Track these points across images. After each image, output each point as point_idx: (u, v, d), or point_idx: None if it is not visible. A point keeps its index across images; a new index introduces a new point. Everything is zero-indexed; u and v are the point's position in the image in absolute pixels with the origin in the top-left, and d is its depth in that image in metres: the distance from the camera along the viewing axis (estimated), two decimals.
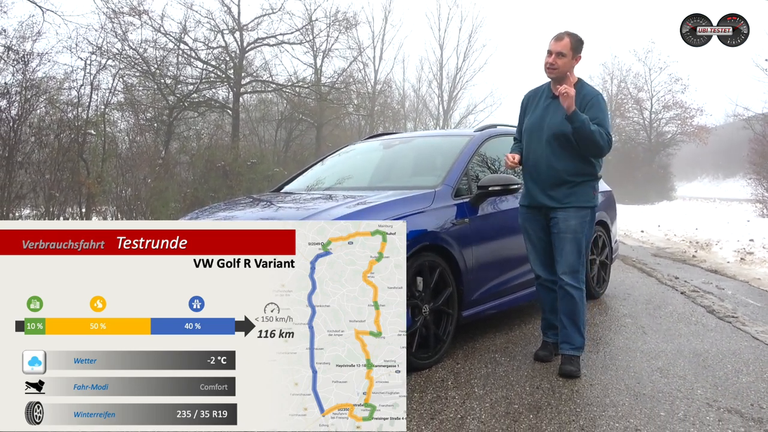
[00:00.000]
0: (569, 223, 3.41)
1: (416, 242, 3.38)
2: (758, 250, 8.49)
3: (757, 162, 17.44)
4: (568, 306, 3.45)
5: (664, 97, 37.11)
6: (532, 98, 3.66)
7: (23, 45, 11.66)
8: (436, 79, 38.16)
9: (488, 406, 2.90)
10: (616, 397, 3.01)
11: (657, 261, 8.34)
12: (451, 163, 4.15)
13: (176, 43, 19.22)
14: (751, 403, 2.93)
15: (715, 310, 4.96)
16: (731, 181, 44.84)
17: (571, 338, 3.43)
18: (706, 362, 3.58)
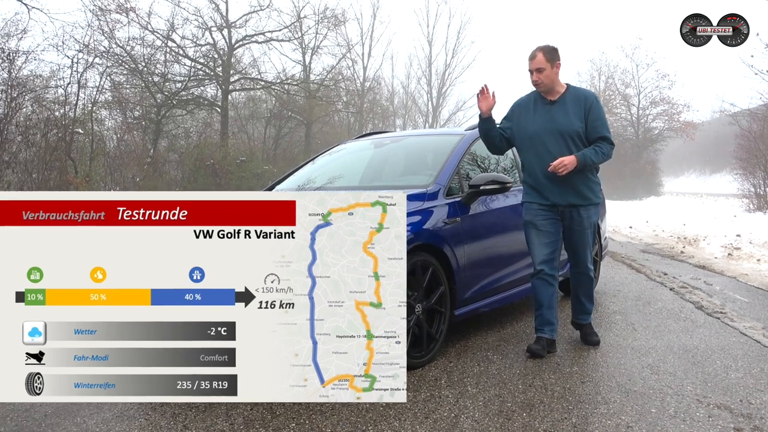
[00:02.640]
0: (591, 220, 3.78)
1: (408, 242, 3.38)
2: (745, 245, 8.58)
3: (743, 157, 17.60)
4: (587, 288, 3.95)
5: (651, 93, 37.39)
6: (523, 105, 3.85)
7: (8, 43, 11.54)
8: (425, 75, 38.19)
9: (481, 405, 2.92)
10: (608, 394, 3.04)
11: (646, 257, 8.41)
12: (443, 162, 4.16)
13: (164, 41, 19.10)
14: (740, 398, 2.97)
15: (704, 306, 5.01)
16: (718, 176, 45.25)
17: (587, 309, 4.00)
18: (695, 358, 3.62)
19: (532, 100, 3.83)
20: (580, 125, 3.66)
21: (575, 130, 3.65)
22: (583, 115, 3.66)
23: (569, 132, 3.65)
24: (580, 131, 3.65)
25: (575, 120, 3.66)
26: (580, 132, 3.66)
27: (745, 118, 18.66)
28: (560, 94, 3.73)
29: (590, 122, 3.66)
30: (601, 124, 3.69)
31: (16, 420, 2.84)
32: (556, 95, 3.72)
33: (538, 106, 3.76)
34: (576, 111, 3.67)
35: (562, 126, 3.65)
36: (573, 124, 3.65)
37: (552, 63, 3.67)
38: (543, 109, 3.74)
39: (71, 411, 2.92)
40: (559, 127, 3.66)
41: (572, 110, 3.67)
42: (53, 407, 2.97)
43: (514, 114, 3.89)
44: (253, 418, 2.77)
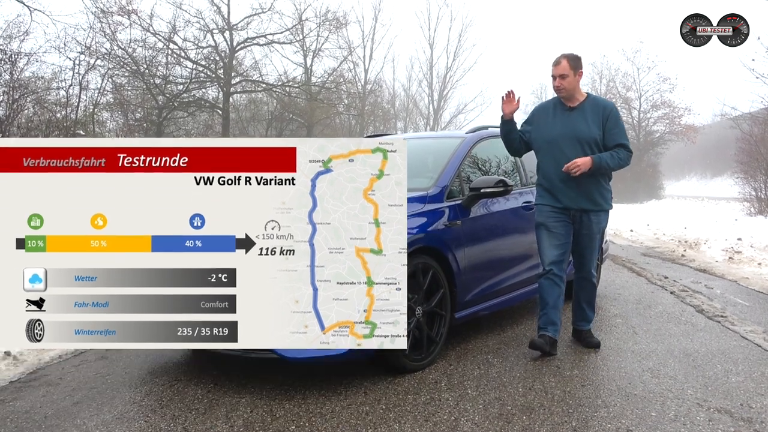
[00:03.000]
0: (600, 225, 3.86)
1: (409, 245, 3.38)
2: (746, 249, 8.57)
3: (744, 161, 17.57)
4: (589, 293, 3.99)
5: (652, 96, 37.32)
6: (543, 110, 3.95)
7: (10, 44, 11.57)
8: (426, 78, 38.20)
9: (481, 408, 2.92)
10: (608, 398, 3.03)
11: (646, 260, 8.41)
12: (443, 165, 4.16)
13: (165, 43, 19.14)
14: (741, 402, 2.97)
15: (705, 310, 5.00)
16: (719, 179, 45.18)
17: (588, 316, 4.02)
18: (696, 362, 3.61)
19: (551, 105, 3.92)
20: (597, 133, 3.73)
21: (593, 137, 3.73)
22: (601, 123, 3.75)
23: (587, 139, 3.73)
24: (597, 138, 3.73)
25: (593, 127, 3.74)
26: (598, 139, 3.73)
27: (747, 121, 18.63)
28: (580, 102, 3.82)
29: (608, 130, 3.74)
30: (619, 132, 3.76)
31: (16, 422, 2.84)
32: (576, 102, 3.82)
33: (558, 112, 3.86)
34: (594, 119, 3.76)
35: (580, 132, 3.73)
36: (591, 131, 3.73)
37: (575, 71, 3.78)
38: (562, 115, 3.83)
39: (71, 413, 2.92)
40: (577, 133, 3.74)
41: (591, 118, 3.76)
42: (53, 409, 2.97)
43: (534, 118, 3.97)
44: (253, 420, 2.77)
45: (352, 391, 3.15)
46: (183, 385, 3.29)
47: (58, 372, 3.60)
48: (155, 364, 3.71)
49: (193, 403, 3.00)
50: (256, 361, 3.47)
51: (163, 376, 3.46)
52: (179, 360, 3.79)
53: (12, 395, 3.21)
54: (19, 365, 3.71)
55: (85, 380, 3.43)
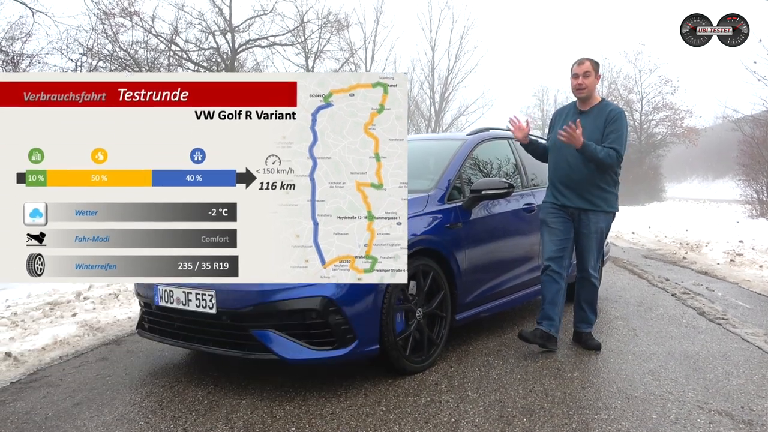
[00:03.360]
0: (599, 225, 3.90)
1: (409, 246, 3.38)
2: (748, 251, 8.56)
3: (746, 163, 17.55)
4: (589, 294, 4.01)
5: (654, 98, 37.30)
6: (559, 115, 4.14)
7: (13, 46, 11.59)
8: (427, 80, 38.17)
9: (482, 410, 2.91)
10: (609, 400, 3.03)
11: (648, 263, 8.40)
12: (444, 167, 4.16)
13: (167, 45, 19.16)
14: (742, 405, 2.96)
15: (706, 312, 5.00)
16: (721, 182, 45.14)
17: (589, 318, 4.03)
18: (696, 364, 3.61)
19: (567, 109, 4.11)
20: (598, 137, 3.82)
21: (594, 139, 3.80)
22: (603, 126, 3.84)
23: (588, 141, 3.78)
24: (599, 141, 3.81)
25: (596, 132, 3.83)
26: (599, 142, 3.81)
27: (748, 124, 18.61)
28: (591, 106, 3.94)
29: (606, 132, 3.82)
30: (615, 137, 3.80)
31: (17, 423, 2.84)
32: (589, 106, 3.94)
33: (570, 116, 4.00)
34: (598, 123, 3.86)
35: (584, 135, 3.78)
36: (593, 135, 3.82)
37: (596, 73, 3.91)
38: (573, 118, 3.93)
39: (72, 414, 2.92)
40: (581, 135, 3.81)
41: (596, 122, 3.87)
42: (54, 410, 2.97)
43: (553, 123, 4.18)
44: (253, 422, 2.77)
45: (352, 392, 3.15)
46: (183, 386, 3.30)
47: (58, 373, 3.61)
48: (156, 366, 3.71)
49: (193, 405, 3.01)
50: (256, 362, 3.47)
51: (163, 378, 3.46)
52: (180, 361, 3.79)
53: (13, 396, 3.21)
54: (19, 366, 3.71)
55: (85, 381, 3.43)
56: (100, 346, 4.22)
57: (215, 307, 3.06)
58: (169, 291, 3.23)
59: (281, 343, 3.01)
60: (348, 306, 3.05)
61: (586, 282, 4.00)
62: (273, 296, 2.99)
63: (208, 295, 3.07)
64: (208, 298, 3.07)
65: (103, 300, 5.55)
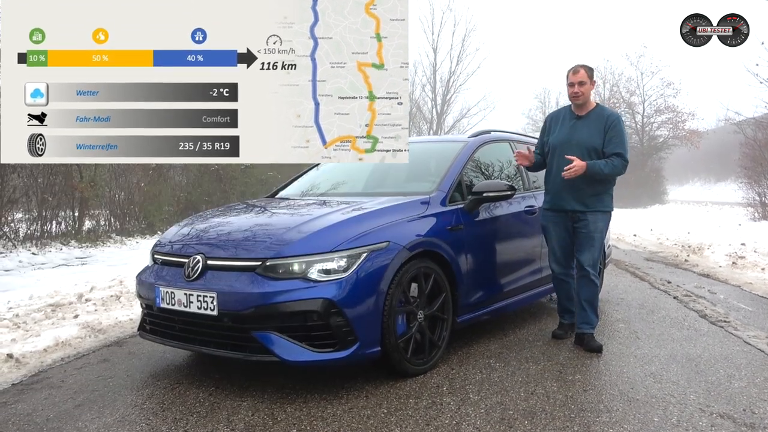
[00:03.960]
0: (597, 225, 4.00)
1: (411, 248, 3.39)
2: (750, 254, 8.54)
3: (748, 166, 17.55)
4: (589, 293, 4.04)
5: (656, 101, 37.35)
6: (555, 119, 4.25)
7: None
8: (429, 82, 38.23)
9: (483, 412, 2.91)
10: (610, 403, 3.03)
11: (650, 265, 8.39)
12: (446, 169, 4.16)
13: None
14: (744, 408, 2.96)
15: (708, 315, 4.99)
16: (723, 184, 45.09)
17: (590, 319, 4.04)
18: (698, 367, 3.60)
19: (562, 114, 4.20)
20: (599, 141, 3.94)
21: (594, 145, 3.94)
22: (603, 131, 3.94)
23: (588, 146, 3.95)
24: (598, 147, 3.94)
25: (596, 136, 3.95)
26: (598, 148, 3.94)
27: (750, 126, 18.61)
28: (587, 111, 4.03)
29: (608, 138, 3.93)
30: (618, 141, 3.92)
31: (18, 424, 2.84)
32: (584, 111, 4.04)
33: (566, 120, 4.12)
34: (598, 127, 3.96)
35: (582, 140, 3.97)
36: (593, 139, 3.94)
37: (590, 79, 4.02)
38: (569, 123, 4.08)
39: (73, 415, 2.92)
40: (580, 141, 3.98)
41: (595, 126, 3.97)
42: (55, 411, 2.98)
43: (548, 127, 4.27)
44: (254, 424, 2.77)
45: (353, 394, 3.14)
46: (184, 388, 3.30)
47: (60, 374, 3.61)
48: (157, 367, 3.71)
49: (194, 407, 3.01)
50: (257, 364, 3.47)
51: (164, 379, 3.46)
52: (181, 363, 3.79)
53: (14, 398, 3.22)
54: (21, 368, 3.71)
55: (87, 383, 3.43)
56: (102, 347, 4.22)
57: (216, 309, 3.06)
58: (171, 293, 3.23)
59: (282, 345, 3.02)
60: (349, 308, 3.06)
61: (586, 280, 4.04)
62: (274, 298, 3.00)
63: (209, 296, 3.07)
64: (209, 299, 3.07)
65: (104, 302, 5.55)
